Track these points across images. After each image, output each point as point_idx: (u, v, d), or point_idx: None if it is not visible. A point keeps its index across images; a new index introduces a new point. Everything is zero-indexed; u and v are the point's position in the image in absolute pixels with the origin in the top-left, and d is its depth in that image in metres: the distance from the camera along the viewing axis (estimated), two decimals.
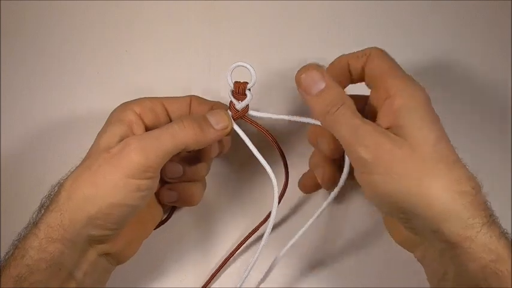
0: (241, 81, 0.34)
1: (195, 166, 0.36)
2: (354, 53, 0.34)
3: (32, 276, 0.28)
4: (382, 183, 0.29)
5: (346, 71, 0.34)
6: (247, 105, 0.34)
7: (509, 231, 0.40)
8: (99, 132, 0.33)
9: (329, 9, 0.46)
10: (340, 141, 0.31)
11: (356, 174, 0.31)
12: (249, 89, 0.34)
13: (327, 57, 0.45)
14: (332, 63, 0.35)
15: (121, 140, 0.31)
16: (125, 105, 0.34)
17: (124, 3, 0.46)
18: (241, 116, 0.34)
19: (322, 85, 0.32)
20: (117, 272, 0.35)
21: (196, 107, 0.36)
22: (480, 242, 0.28)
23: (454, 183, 0.29)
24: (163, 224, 0.39)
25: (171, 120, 0.35)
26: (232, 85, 0.34)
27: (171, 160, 0.32)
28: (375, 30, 0.46)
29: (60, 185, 0.31)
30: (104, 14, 0.46)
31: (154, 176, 0.31)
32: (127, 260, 0.35)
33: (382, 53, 0.33)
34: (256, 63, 0.45)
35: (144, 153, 0.29)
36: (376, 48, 0.33)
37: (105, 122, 0.33)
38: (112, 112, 0.34)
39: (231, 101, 0.34)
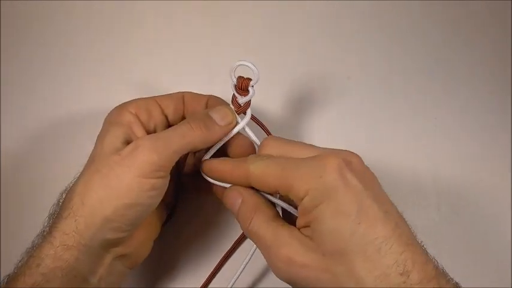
0: (245, 76, 0.33)
1: None
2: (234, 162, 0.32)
3: (47, 284, 0.28)
4: None
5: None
6: (250, 101, 0.34)
7: (509, 233, 0.41)
8: (99, 135, 0.33)
9: (329, 9, 0.46)
10: None
11: None
12: (252, 86, 0.33)
13: (326, 57, 0.46)
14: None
15: (125, 141, 0.31)
16: (120, 107, 0.34)
17: (124, 3, 0.46)
18: (243, 111, 0.34)
19: (239, 200, 0.32)
20: None
21: (190, 102, 0.36)
22: None
23: (377, 280, 0.26)
24: (168, 220, 0.39)
25: (166, 118, 0.35)
26: (235, 80, 0.33)
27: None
28: (374, 30, 0.46)
29: (71, 191, 0.30)
30: (104, 14, 0.46)
31: (166, 175, 0.31)
32: (141, 261, 0.34)
33: (262, 167, 0.30)
34: (255, 62, 0.45)
35: (156, 153, 0.30)
36: (253, 159, 0.31)
37: (103, 125, 0.33)
38: (108, 115, 0.34)
39: (233, 95, 0.34)
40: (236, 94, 0.34)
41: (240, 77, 0.33)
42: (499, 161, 0.43)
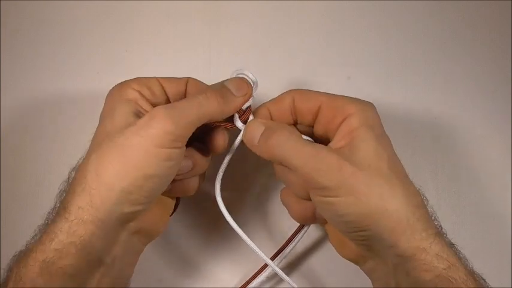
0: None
1: (202, 160, 0.35)
2: (273, 100, 0.35)
3: (59, 261, 0.27)
4: (343, 204, 0.29)
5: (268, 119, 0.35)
6: (250, 107, 0.34)
7: (509, 233, 0.41)
8: (105, 114, 0.32)
9: (329, 9, 0.46)
10: (291, 169, 0.30)
11: (313, 196, 0.31)
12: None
13: (326, 56, 0.46)
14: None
15: (135, 115, 0.31)
16: (122, 85, 0.33)
17: (124, 2, 0.46)
18: (246, 117, 0.34)
19: (262, 129, 0.32)
20: None
21: (192, 90, 0.35)
22: (433, 252, 0.28)
23: (409, 197, 0.29)
24: (173, 212, 0.38)
25: (168, 98, 0.34)
26: None
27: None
28: (375, 30, 0.46)
29: (82, 166, 0.30)
30: (104, 13, 0.46)
31: (183, 146, 0.30)
32: (157, 236, 0.34)
33: (306, 90, 0.34)
34: (255, 62, 0.45)
35: (173, 123, 0.29)
36: (296, 89, 0.34)
37: (107, 104, 0.32)
38: (110, 93, 0.33)
39: None
40: None
41: None
42: (499, 160, 0.43)
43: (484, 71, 0.45)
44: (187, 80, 0.35)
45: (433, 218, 0.31)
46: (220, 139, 0.34)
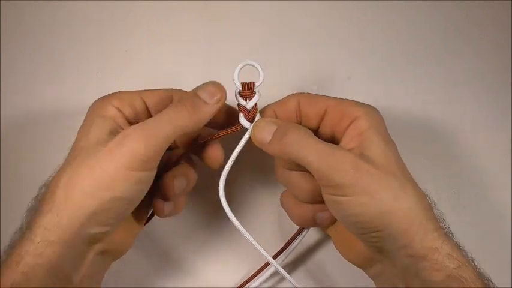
0: (247, 81, 0.33)
1: (194, 176, 0.35)
2: (278, 102, 0.34)
3: (27, 284, 0.27)
4: (357, 203, 0.29)
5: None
6: (256, 104, 0.33)
7: (509, 233, 0.41)
8: (83, 128, 0.32)
9: (329, 9, 0.46)
10: (306, 166, 0.30)
11: (325, 196, 0.31)
12: (257, 87, 0.33)
13: (326, 57, 0.46)
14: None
15: (111, 134, 0.30)
16: (103, 100, 0.33)
17: (124, 2, 0.46)
18: (253, 116, 0.33)
19: (273, 128, 0.32)
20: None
21: None
22: (445, 252, 0.29)
23: (419, 198, 0.30)
24: (150, 219, 0.38)
25: (150, 115, 0.34)
26: (239, 86, 0.33)
27: (174, 175, 0.33)
28: (375, 30, 0.46)
29: (53, 184, 0.29)
30: (104, 13, 0.46)
31: (154, 167, 0.30)
32: (122, 255, 0.34)
33: (312, 94, 0.34)
34: (255, 62, 0.45)
35: (144, 143, 0.29)
36: (300, 93, 0.34)
37: (86, 118, 0.32)
38: (91, 107, 0.33)
39: (239, 104, 0.33)
40: (242, 101, 0.33)
41: (243, 83, 0.33)
42: (499, 160, 0.43)
43: (485, 71, 0.45)
44: (172, 93, 0.34)
45: (441, 219, 0.31)
46: (217, 154, 0.34)
